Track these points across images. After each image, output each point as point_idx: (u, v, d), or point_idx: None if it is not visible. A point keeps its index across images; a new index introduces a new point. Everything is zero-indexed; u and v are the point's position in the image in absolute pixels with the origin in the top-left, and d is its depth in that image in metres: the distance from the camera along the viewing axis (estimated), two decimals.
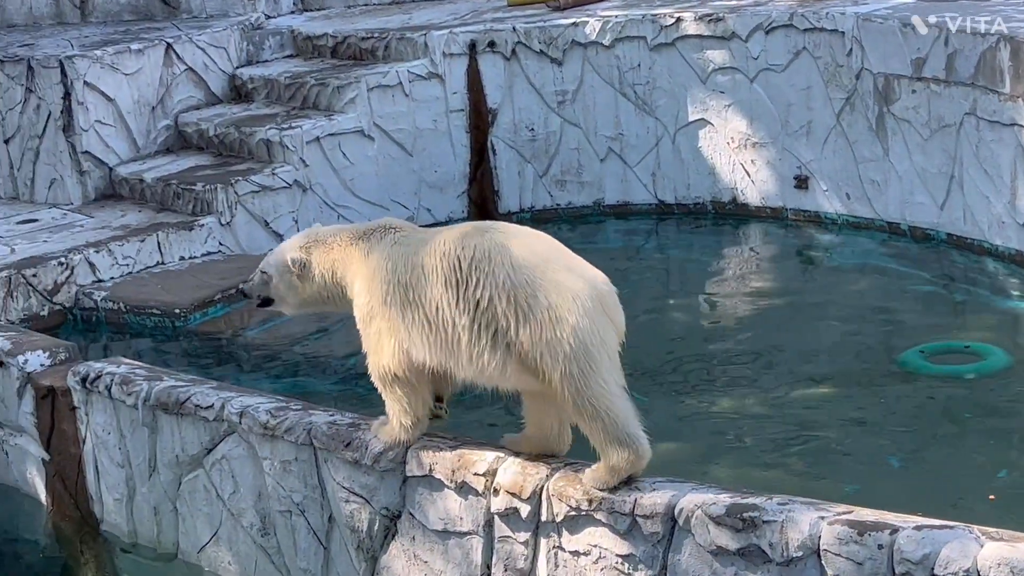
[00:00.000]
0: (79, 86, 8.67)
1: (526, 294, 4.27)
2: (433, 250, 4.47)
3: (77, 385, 6.11)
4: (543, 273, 4.28)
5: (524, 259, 4.31)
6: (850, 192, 8.24)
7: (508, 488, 4.64)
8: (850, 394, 6.46)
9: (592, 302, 4.27)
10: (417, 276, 4.48)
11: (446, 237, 4.49)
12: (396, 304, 4.54)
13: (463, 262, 4.37)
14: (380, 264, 4.62)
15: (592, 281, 4.35)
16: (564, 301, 4.24)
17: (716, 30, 8.53)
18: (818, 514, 4.11)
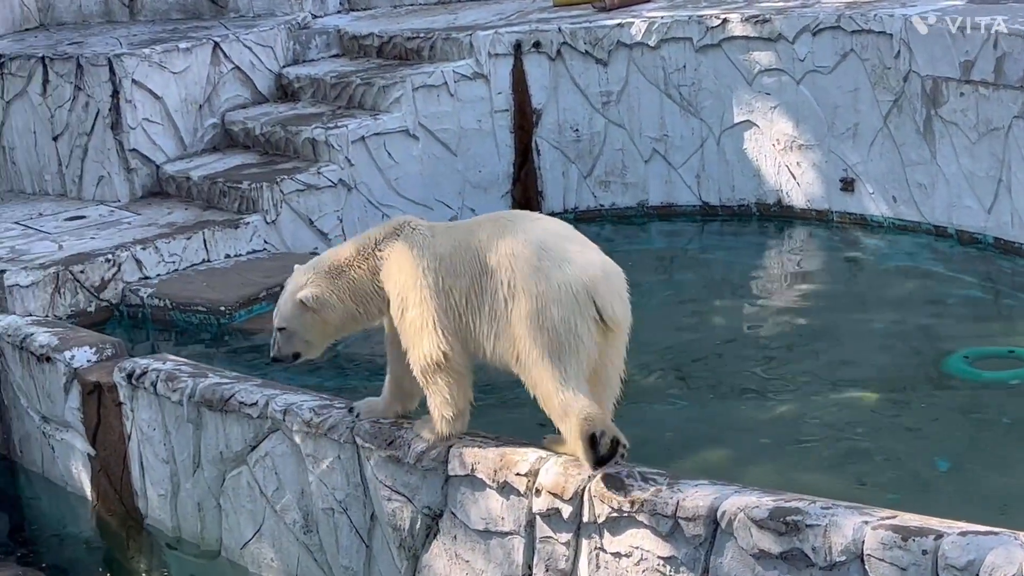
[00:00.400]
0: (127, 84, 8.74)
1: (521, 281, 4.47)
2: (460, 242, 4.66)
3: (123, 381, 6.16)
4: (538, 260, 4.47)
5: (526, 245, 4.51)
6: (897, 195, 8.19)
7: (550, 489, 4.64)
8: (893, 398, 6.41)
9: (579, 293, 4.44)
10: (444, 267, 4.65)
11: (472, 227, 4.72)
12: (429, 295, 4.65)
13: (483, 249, 4.58)
14: (407, 258, 4.72)
15: (579, 271, 4.46)
16: (551, 290, 4.43)
17: (763, 31, 8.50)
18: (862, 519, 4.09)
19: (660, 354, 7.11)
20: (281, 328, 4.92)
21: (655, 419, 6.42)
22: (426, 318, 4.67)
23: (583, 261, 4.53)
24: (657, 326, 7.51)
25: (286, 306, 4.90)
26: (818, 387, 6.55)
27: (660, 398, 6.66)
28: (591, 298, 4.48)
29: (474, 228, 4.74)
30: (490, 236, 4.62)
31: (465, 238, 4.69)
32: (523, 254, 4.52)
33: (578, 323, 4.46)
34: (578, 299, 4.47)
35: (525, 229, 4.60)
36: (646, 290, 8.06)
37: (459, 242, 4.68)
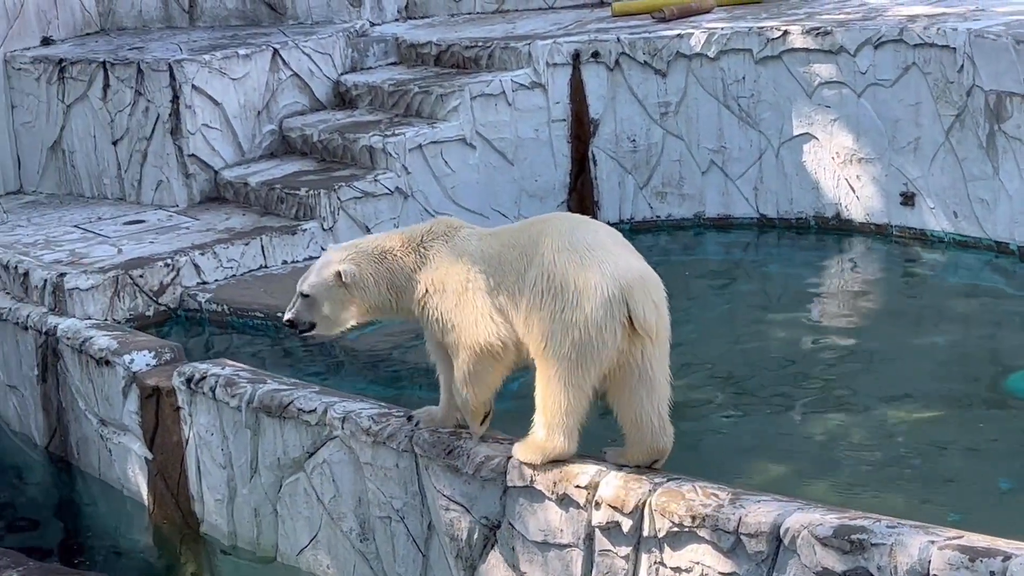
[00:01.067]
0: (187, 90, 8.78)
1: (561, 277, 4.55)
2: (503, 243, 4.77)
3: (182, 386, 6.19)
4: (579, 260, 4.55)
5: (570, 244, 4.58)
6: (958, 210, 8.10)
7: (610, 502, 4.63)
8: (955, 417, 6.34)
9: (613, 295, 4.52)
10: (493, 266, 4.75)
11: (513, 230, 4.86)
12: (481, 289, 4.73)
13: (527, 247, 4.68)
14: (458, 257, 4.80)
15: (617, 273, 4.53)
16: (587, 288, 4.51)
17: (824, 44, 8.43)
18: (928, 538, 4.04)
19: (717, 367, 7.07)
20: (306, 295, 4.89)
21: (711, 432, 6.37)
22: (481, 310, 4.74)
23: (622, 264, 4.61)
24: (713, 339, 7.47)
25: (319, 275, 4.88)
26: (876, 403, 6.48)
27: (716, 411, 6.62)
28: (624, 301, 4.55)
29: (523, 228, 4.84)
30: (537, 235, 4.71)
31: (512, 238, 4.79)
32: (565, 251, 4.60)
33: (607, 324, 4.54)
34: (611, 300, 4.54)
35: (572, 230, 4.68)
36: (702, 302, 8.03)
37: (506, 242, 4.79)
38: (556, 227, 4.69)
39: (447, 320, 4.79)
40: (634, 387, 4.62)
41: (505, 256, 4.73)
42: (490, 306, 4.73)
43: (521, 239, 4.73)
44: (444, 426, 5.12)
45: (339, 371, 7.23)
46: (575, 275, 4.55)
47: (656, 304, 4.61)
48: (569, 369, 4.55)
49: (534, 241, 4.68)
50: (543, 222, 4.80)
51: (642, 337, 4.59)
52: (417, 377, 7.02)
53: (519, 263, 4.68)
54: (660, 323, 4.63)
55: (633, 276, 4.59)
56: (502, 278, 4.71)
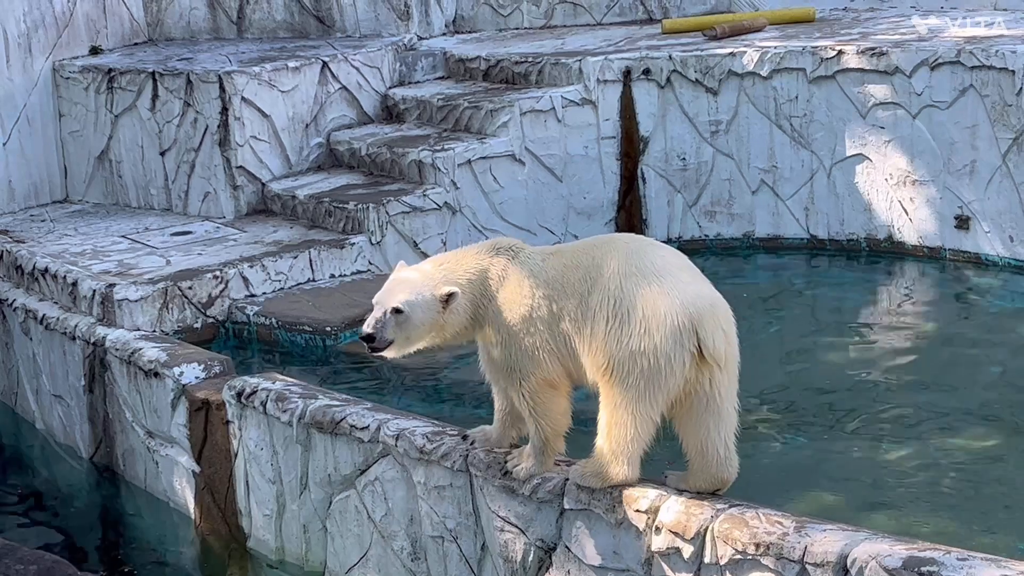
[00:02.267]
0: (236, 101, 8.77)
1: (629, 303, 4.46)
2: (566, 264, 4.66)
3: (232, 399, 6.14)
4: (648, 286, 4.46)
5: (638, 269, 4.50)
6: (1014, 234, 8.00)
7: (671, 527, 4.55)
8: (1012, 444, 6.23)
9: (683, 324, 4.43)
10: (556, 289, 4.64)
11: (575, 250, 4.73)
12: (543, 318, 4.63)
13: (590, 270, 4.58)
14: (522, 281, 4.68)
15: (687, 301, 4.45)
16: (656, 316, 4.43)
17: (879, 64, 8.35)
18: (1000, 571, 3.96)
19: (767, 391, 6.98)
20: (399, 311, 4.71)
21: (763, 457, 6.29)
22: (540, 344, 4.64)
23: (692, 292, 4.51)
24: (764, 362, 7.38)
25: (419, 294, 4.69)
26: (931, 430, 6.39)
27: (770, 436, 6.53)
28: (694, 330, 4.46)
29: (586, 249, 4.72)
30: (602, 257, 4.61)
31: (574, 259, 4.68)
32: (633, 277, 4.51)
33: (675, 353, 4.45)
34: (681, 329, 4.45)
35: (638, 253, 4.59)
36: (752, 325, 7.92)
37: (568, 264, 4.68)
38: (621, 249, 4.59)
39: (508, 349, 4.69)
40: (702, 415, 4.54)
41: (568, 278, 4.62)
42: (549, 336, 4.63)
43: (584, 260, 4.63)
44: (500, 446, 5.05)
45: (387, 388, 7.17)
46: (643, 301, 4.46)
47: (726, 333, 4.52)
48: (636, 398, 4.47)
49: (598, 263, 4.58)
50: (607, 243, 4.70)
51: (711, 366, 4.50)
52: (466, 395, 6.97)
53: (582, 286, 4.58)
54: (730, 352, 4.54)
55: (703, 304, 4.50)
56: (564, 302, 4.61)
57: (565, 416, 4.75)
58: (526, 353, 4.67)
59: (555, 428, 4.75)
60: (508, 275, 4.72)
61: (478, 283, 4.72)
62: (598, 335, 4.52)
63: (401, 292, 4.73)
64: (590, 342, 4.55)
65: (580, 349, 4.60)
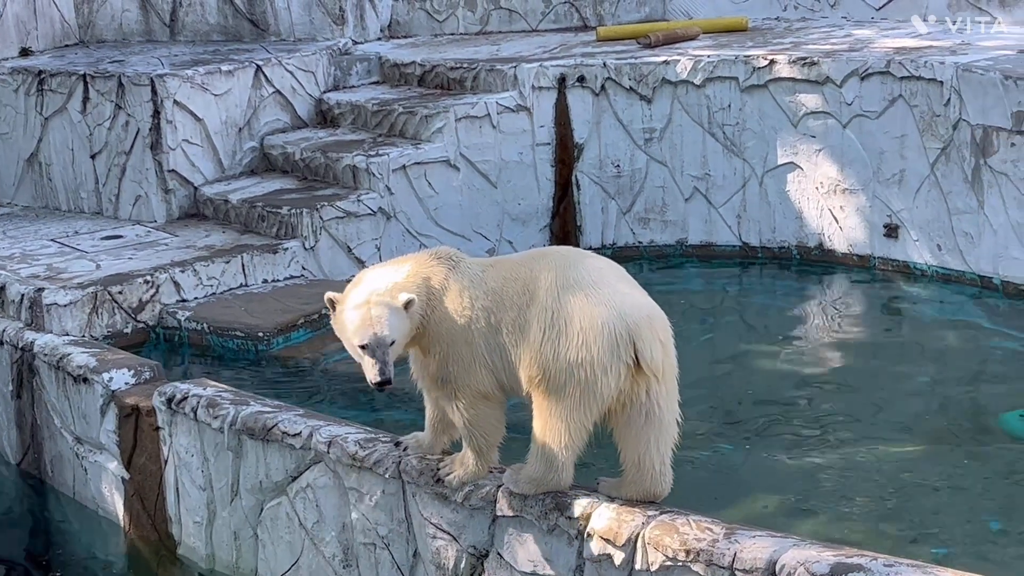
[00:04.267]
0: (169, 104, 8.69)
1: (565, 315, 4.47)
2: (504, 276, 4.64)
3: (162, 406, 6.09)
4: (584, 297, 4.47)
5: (575, 281, 4.50)
6: (941, 243, 8.11)
7: (602, 534, 4.57)
8: (938, 453, 6.31)
9: (620, 335, 4.45)
10: (495, 301, 4.62)
11: (513, 262, 4.71)
12: (481, 330, 4.62)
13: (528, 283, 4.57)
14: (463, 292, 4.66)
15: (624, 312, 4.47)
16: (593, 328, 4.44)
17: (810, 74, 8.44)
18: None
19: (700, 398, 7.02)
20: (392, 342, 4.57)
21: (696, 464, 6.32)
22: (476, 356, 4.63)
23: (630, 303, 4.53)
24: (696, 370, 7.40)
25: (392, 316, 4.55)
26: (860, 438, 6.46)
27: (701, 443, 6.56)
28: (632, 341, 4.48)
29: (524, 262, 4.71)
30: (540, 270, 4.59)
31: (513, 271, 4.66)
32: (570, 289, 4.50)
33: (612, 364, 4.47)
34: (618, 340, 4.47)
35: (574, 264, 4.59)
36: (684, 332, 7.90)
37: (507, 276, 4.66)
38: (557, 261, 4.59)
39: (445, 360, 4.66)
40: (641, 427, 4.55)
41: (507, 290, 4.60)
42: (486, 349, 4.61)
43: (522, 273, 4.61)
44: (432, 453, 5.05)
45: (319, 395, 7.14)
46: (580, 312, 4.46)
47: (663, 343, 4.53)
48: (571, 407, 4.47)
49: (535, 276, 4.56)
50: (544, 256, 4.68)
51: (648, 377, 4.51)
52: (399, 402, 6.95)
53: (520, 298, 4.57)
54: (667, 363, 4.55)
55: (640, 315, 4.51)
56: (503, 314, 4.59)
57: (499, 427, 4.74)
58: (462, 365, 4.65)
59: (489, 440, 4.74)
60: (449, 285, 4.68)
61: (423, 292, 4.68)
62: (533, 346, 4.51)
63: (379, 322, 4.58)
64: (525, 353, 4.54)
65: (516, 361, 4.59)
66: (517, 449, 4.82)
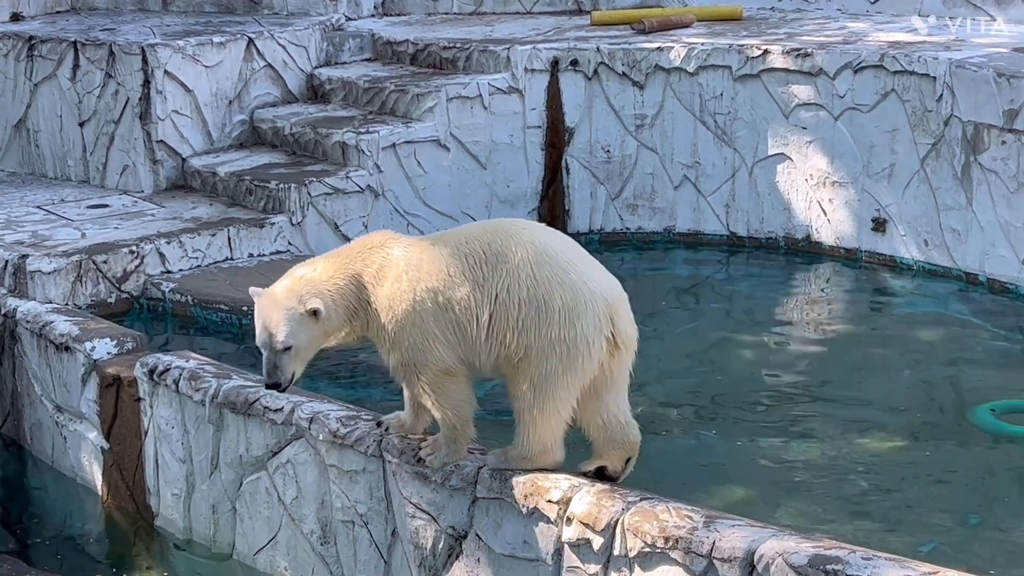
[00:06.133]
0: (159, 75, 8.65)
1: (544, 291, 4.48)
2: (455, 251, 4.60)
3: (144, 376, 6.07)
4: (564, 273, 4.49)
5: (546, 258, 4.50)
6: (929, 239, 8.11)
7: (582, 518, 4.56)
8: (918, 446, 6.34)
9: (602, 312, 4.51)
10: (441, 280, 4.57)
11: (466, 236, 4.64)
12: (428, 311, 4.58)
13: (488, 256, 4.53)
14: (400, 277, 4.61)
15: (602, 290, 4.54)
16: (578, 305, 4.48)
17: (803, 65, 8.43)
18: (903, 572, 4.01)
19: (682, 386, 7.05)
20: (287, 348, 4.61)
21: (678, 451, 6.35)
22: (429, 336, 4.60)
23: (605, 281, 4.60)
24: (680, 357, 7.44)
25: (292, 322, 4.58)
26: (841, 430, 6.48)
27: (681, 430, 6.59)
28: (611, 318, 4.54)
29: (475, 235, 4.63)
30: (503, 244, 4.54)
31: (461, 247, 4.60)
32: (547, 266, 4.50)
33: (595, 340, 4.52)
34: (600, 318, 4.52)
35: (544, 241, 4.56)
36: (669, 319, 8.00)
37: (454, 251, 4.60)
38: (526, 237, 4.54)
39: (397, 347, 4.63)
40: (602, 395, 4.62)
41: (455, 266, 4.55)
42: (437, 328, 4.58)
43: (475, 247, 4.54)
44: (414, 432, 5.04)
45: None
46: (561, 289, 4.48)
47: (631, 319, 4.64)
48: (556, 384, 4.50)
49: (498, 251, 4.51)
50: (504, 231, 4.58)
51: (620, 349, 4.59)
52: (380, 380, 6.94)
53: (474, 273, 4.52)
54: (635, 336, 4.68)
55: (617, 293, 4.59)
56: (452, 292, 4.54)
57: (469, 402, 4.72)
58: (416, 347, 4.60)
59: (461, 415, 4.72)
60: (384, 274, 4.62)
61: (350, 289, 4.63)
62: (507, 324, 4.50)
63: (275, 325, 4.60)
64: (495, 330, 4.53)
65: (474, 336, 4.56)
66: (502, 431, 4.82)
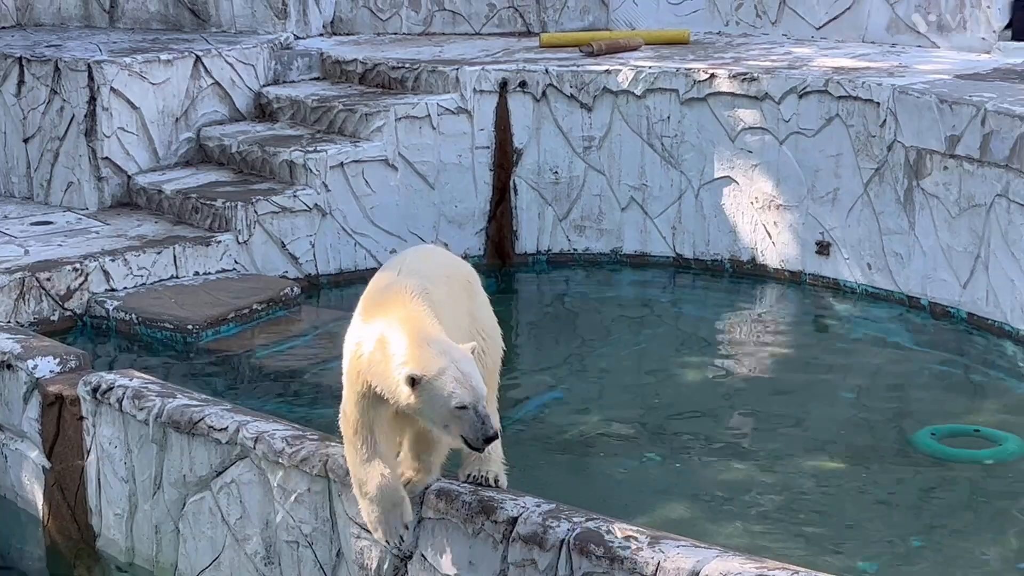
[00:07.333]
0: (105, 91, 8.60)
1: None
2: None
3: (87, 395, 6.01)
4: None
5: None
6: (872, 262, 8.20)
7: (527, 538, 4.56)
8: (860, 469, 6.37)
9: None
10: None
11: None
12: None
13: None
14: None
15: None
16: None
17: (749, 89, 8.50)
18: None
19: (628, 406, 7.06)
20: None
21: (623, 472, 6.36)
22: None
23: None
24: (625, 377, 7.48)
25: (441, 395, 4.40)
26: (783, 452, 6.51)
27: (628, 451, 6.60)
28: None
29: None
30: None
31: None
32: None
33: None
34: None
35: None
36: (615, 340, 8.03)
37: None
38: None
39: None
40: None
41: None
42: None
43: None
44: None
45: (247, 390, 7.10)
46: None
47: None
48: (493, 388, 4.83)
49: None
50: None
51: None
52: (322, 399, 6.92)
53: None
54: None
55: None
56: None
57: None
58: None
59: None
60: None
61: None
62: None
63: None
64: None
65: None
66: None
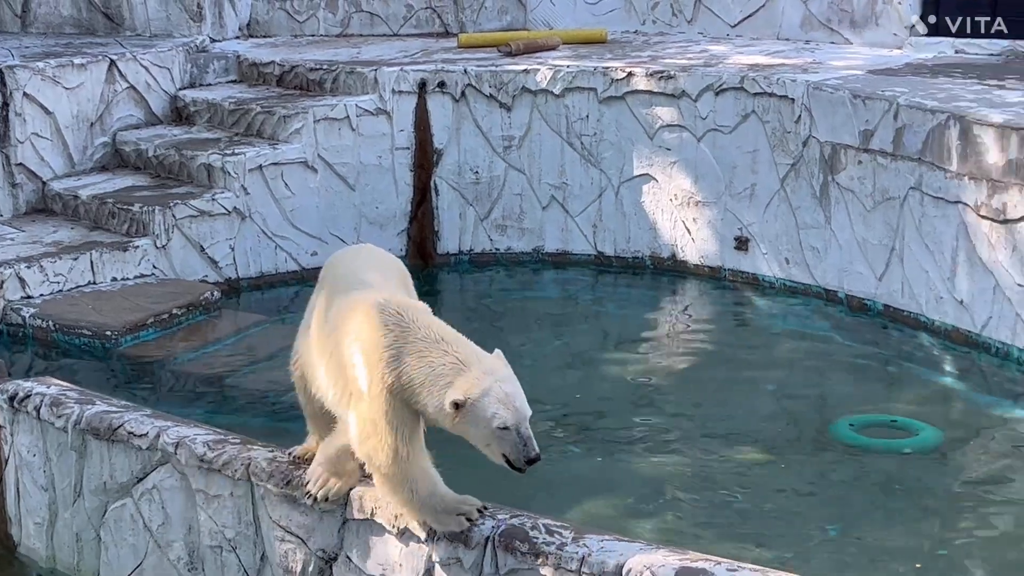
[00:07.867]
0: (18, 96, 8.48)
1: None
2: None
3: (4, 403, 5.92)
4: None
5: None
6: (789, 257, 8.29)
7: (452, 537, 4.56)
8: (779, 461, 6.45)
9: None
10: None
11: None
12: None
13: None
14: None
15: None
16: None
17: (666, 87, 8.57)
18: None
19: (551, 403, 7.07)
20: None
21: (547, 468, 6.31)
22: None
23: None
24: (549, 375, 7.48)
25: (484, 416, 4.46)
26: (705, 446, 6.56)
27: (551, 447, 6.59)
28: None
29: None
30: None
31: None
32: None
33: None
34: None
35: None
36: (538, 338, 8.05)
37: None
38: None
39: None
40: None
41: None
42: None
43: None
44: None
45: (165, 393, 7.04)
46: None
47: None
48: None
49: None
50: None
51: None
52: (243, 403, 6.89)
53: None
54: None
55: None
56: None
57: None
58: None
59: None
60: None
61: None
62: None
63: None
64: None
65: None
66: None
